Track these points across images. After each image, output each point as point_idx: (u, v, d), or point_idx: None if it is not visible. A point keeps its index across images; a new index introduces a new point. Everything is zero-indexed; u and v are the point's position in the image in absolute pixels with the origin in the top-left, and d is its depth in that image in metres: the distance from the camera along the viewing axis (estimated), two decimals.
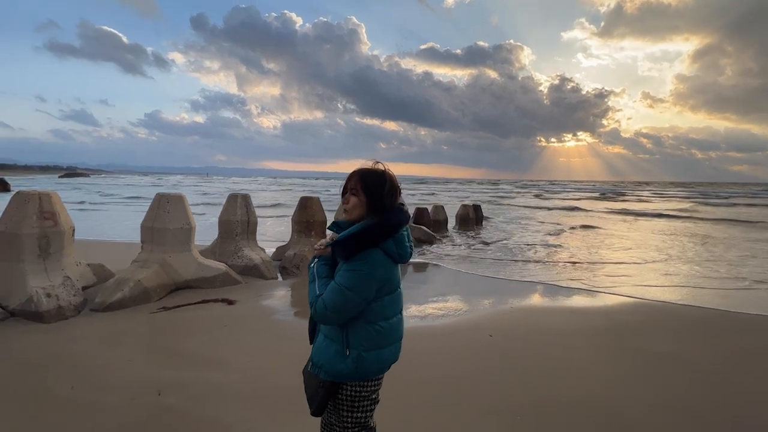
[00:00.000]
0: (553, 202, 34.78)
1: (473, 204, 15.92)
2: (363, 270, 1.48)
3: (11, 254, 4.40)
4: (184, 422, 2.56)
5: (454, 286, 6.59)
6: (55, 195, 4.81)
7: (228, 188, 45.61)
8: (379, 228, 1.51)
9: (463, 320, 4.78)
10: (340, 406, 1.61)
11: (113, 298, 4.65)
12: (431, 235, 11.28)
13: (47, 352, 3.51)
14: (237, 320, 4.48)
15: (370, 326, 1.54)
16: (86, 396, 2.82)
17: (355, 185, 1.58)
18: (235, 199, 6.90)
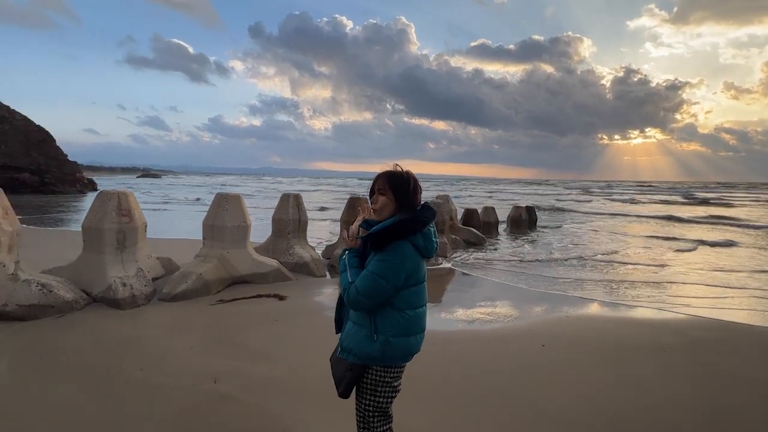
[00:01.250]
0: (632, 207, 29.35)
1: (526, 206, 15.25)
2: (393, 260, 1.62)
3: (95, 247, 4.92)
4: (238, 410, 2.69)
5: (503, 291, 6.34)
6: (131, 194, 5.31)
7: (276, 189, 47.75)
8: (409, 223, 1.67)
9: (514, 327, 4.58)
10: (364, 391, 1.75)
11: (178, 289, 5.02)
12: (480, 237, 10.97)
13: (122, 335, 3.87)
14: (287, 315, 4.65)
15: (398, 313, 1.67)
16: (154, 378, 3.06)
17: (382, 185, 1.74)
18: (287, 199, 7.18)
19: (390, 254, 1.63)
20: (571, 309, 5.32)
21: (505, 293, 6.13)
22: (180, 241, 9.87)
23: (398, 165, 1.80)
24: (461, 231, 10.85)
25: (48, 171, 34.93)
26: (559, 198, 39.67)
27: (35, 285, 4.19)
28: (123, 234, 5.02)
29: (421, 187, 1.80)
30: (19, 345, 3.57)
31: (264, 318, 4.53)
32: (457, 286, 6.53)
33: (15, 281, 4.10)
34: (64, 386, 2.91)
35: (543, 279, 7.17)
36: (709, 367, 3.60)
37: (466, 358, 3.64)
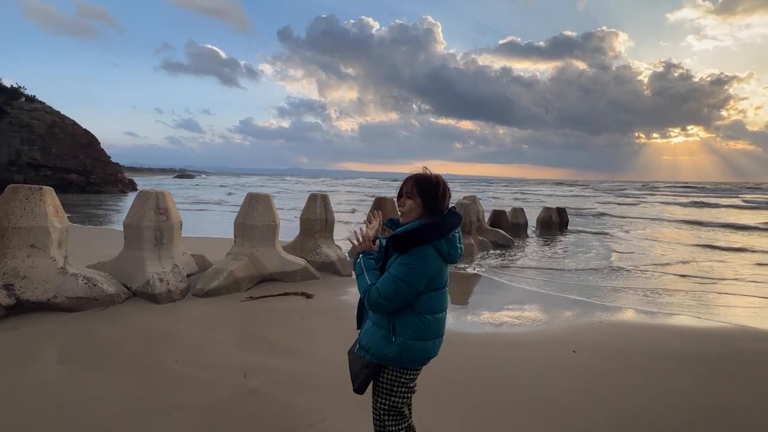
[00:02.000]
0: (678, 210, 26.44)
1: (557, 207, 14.80)
2: (415, 264, 1.62)
3: (135, 244, 5.19)
4: (266, 405, 2.75)
5: (531, 295, 6.17)
6: (168, 194, 5.55)
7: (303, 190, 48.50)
8: (434, 227, 1.65)
9: (543, 332, 4.45)
10: (379, 390, 1.76)
11: (210, 285, 5.21)
12: (508, 239, 10.74)
13: (159, 328, 4.05)
14: (314, 313, 4.72)
15: (417, 317, 1.67)
16: (188, 370, 3.18)
17: (410, 189, 1.73)
18: (315, 199, 7.29)
19: (413, 258, 1.62)
20: (604, 315, 5.11)
21: (533, 297, 5.97)
22: (212, 239, 10.23)
23: (427, 168, 1.79)
24: (489, 232, 10.67)
25: (93, 172, 37.13)
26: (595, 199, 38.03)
27: (81, 279, 4.46)
28: (160, 231, 5.26)
29: (449, 192, 1.78)
30: (66, 335, 3.80)
31: (292, 315, 4.62)
32: (483, 289, 6.42)
33: (64, 275, 4.38)
34: (106, 376, 3.08)
35: (574, 284, 6.93)
36: (755, 381, 3.36)
37: (492, 362, 3.57)
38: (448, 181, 1.81)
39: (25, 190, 4.32)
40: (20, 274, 4.17)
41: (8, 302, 4.03)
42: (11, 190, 4.32)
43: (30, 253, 4.25)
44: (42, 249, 4.30)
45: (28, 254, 4.24)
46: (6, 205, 4.20)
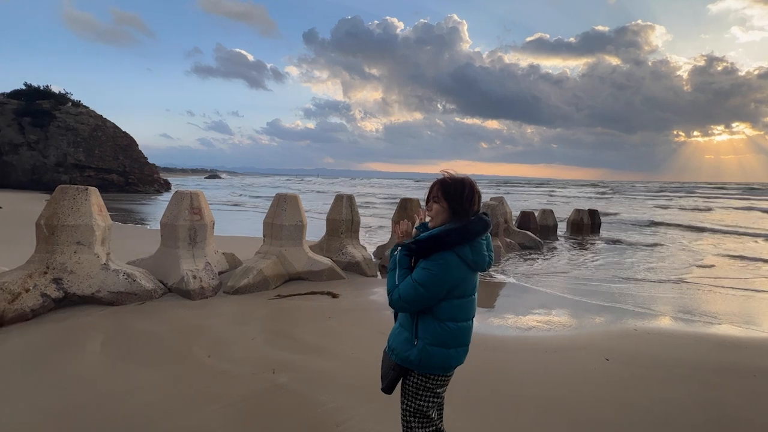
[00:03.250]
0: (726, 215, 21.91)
1: (589, 209, 14.30)
2: (435, 270, 1.59)
3: (171, 242, 5.42)
4: (294, 401, 2.81)
5: (560, 300, 5.99)
6: (201, 194, 5.77)
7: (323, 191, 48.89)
8: (455, 233, 1.61)
9: (573, 337, 4.32)
10: (406, 392, 1.77)
11: (240, 283, 5.37)
12: (537, 241, 10.47)
13: (192, 323, 4.21)
14: (340, 313, 4.78)
15: (438, 324, 1.65)
16: (220, 365, 3.30)
17: (437, 193, 1.70)
18: (341, 200, 7.37)
19: (433, 264, 1.60)
20: (638, 323, 4.90)
21: (561, 302, 5.80)
22: (242, 238, 10.53)
23: (447, 171, 1.72)
24: (516, 234, 10.45)
25: (132, 172, 39.06)
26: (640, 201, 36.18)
27: (122, 274, 4.71)
28: (194, 230, 5.47)
29: (479, 195, 1.73)
30: (108, 327, 4.02)
31: (318, 314, 4.69)
32: (510, 292, 6.30)
33: (106, 270, 4.63)
34: (144, 367, 3.24)
35: (605, 289, 6.67)
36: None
37: (522, 367, 3.50)
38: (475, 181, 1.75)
39: (73, 191, 4.60)
40: (67, 269, 4.44)
41: (57, 295, 4.31)
42: (60, 190, 4.61)
43: (76, 250, 4.52)
44: (87, 246, 4.56)
45: (75, 250, 4.51)
46: (56, 205, 4.49)
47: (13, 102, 36.88)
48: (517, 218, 11.98)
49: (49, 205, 4.54)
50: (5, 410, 2.58)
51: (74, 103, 39.35)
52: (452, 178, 1.71)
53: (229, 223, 15.38)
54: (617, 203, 33.26)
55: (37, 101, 37.17)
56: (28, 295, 4.09)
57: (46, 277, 4.31)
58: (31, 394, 2.79)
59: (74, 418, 2.54)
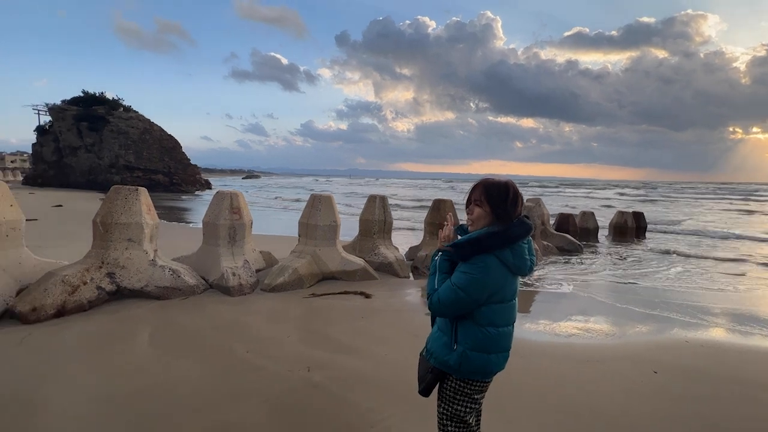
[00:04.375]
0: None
1: (633, 211, 13.56)
2: (475, 274, 1.57)
3: (212, 240, 5.66)
4: (328, 400, 2.85)
5: (601, 306, 5.71)
6: (240, 194, 5.98)
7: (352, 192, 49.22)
8: (496, 237, 1.58)
9: (617, 347, 4.10)
10: (443, 395, 1.74)
11: (276, 281, 5.51)
12: (576, 244, 10.05)
13: (231, 319, 4.37)
14: (373, 313, 4.79)
15: (478, 329, 1.63)
16: (257, 360, 3.40)
17: (479, 196, 1.67)
18: (374, 200, 7.40)
19: (473, 267, 1.58)
20: (690, 333, 4.58)
21: (603, 308, 5.52)
22: (279, 237, 10.83)
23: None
24: (554, 237, 10.07)
25: (176, 173, 41.23)
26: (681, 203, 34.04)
27: (168, 270, 4.97)
28: (234, 229, 5.69)
29: (522, 199, 1.71)
30: (155, 320, 4.25)
31: (352, 314, 4.73)
32: (547, 297, 6.07)
33: (154, 266, 4.90)
34: (187, 360, 3.39)
35: (652, 296, 6.28)
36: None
37: (560, 377, 3.36)
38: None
39: (125, 191, 4.91)
40: (120, 264, 4.74)
41: (111, 288, 4.61)
42: (114, 190, 4.93)
43: (127, 246, 4.81)
44: (137, 243, 4.85)
45: (126, 247, 4.81)
46: (110, 204, 4.81)
47: (73, 108, 39.97)
48: (555, 220, 11.55)
49: (104, 204, 4.87)
50: (66, 395, 2.79)
51: (125, 108, 42.07)
52: (496, 182, 1.69)
53: (265, 222, 15.86)
54: (665, 206, 31.30)
55: (93, 107, 40.07)
56: (85, 288, 4.41)
57: (101, 271, 4.62)
58: (88, 380, 3.00)
59: (125, 405, 2.70)
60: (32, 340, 3.63)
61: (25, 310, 3.99)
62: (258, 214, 18.44)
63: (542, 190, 50.91)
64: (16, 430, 2.41)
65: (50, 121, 41.34)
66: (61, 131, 39.92)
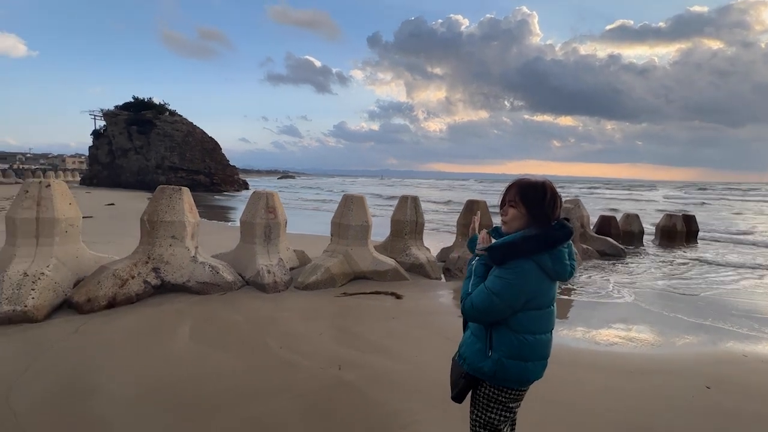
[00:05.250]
0: None
1: (683, 214, 12.70)
2: (511, 279, 1.50)
3: (249, 238, 5.86)
4: (358, 400, 2.86)
5: (647, 314, 5.38)
6: (276, 194, 6.15)
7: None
8: (535, 241, 1.51)
9: (664, 358, 3.85)
10: (476, 402, 1.70)
11: (309, 279, 5.62)
12: (619, 248, 9.55)
13: (266, 315, 4.50)
14: (405, 314, 4.78)
15: (515, 336, 1.56)
16: (290, 357, 3.48)
17: (513, 197, 1.60)
18: (405, 201, 7.38)
19: (509, 272, 1.51)
20: (748, 347, 4.22)
21: (648, 316, 5.20)
22: (311, 236, 11.04)
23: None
24: (595, 240, 9.62)
25: (216, 174, 43.09)
26: (739, 206, 31.53)
27: (208, 267, 5.19)
28: (269, 228, 5.85)
29: (560, 200, 1.62)
30: (195, 314, 4.45)
31: (382, 314, 4.74)
32: (587, 303, 5.80)
33: (195, 263, 5.14)
34: (224, 353, 3.53)
35: (702, 304, 5.85)
36: None
37: (600, 388, 3.19)
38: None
39: (170, 190, 5.18)
40: (164, 260, 5.00)
41: (156, 282, 4.88)
42: (160, 190, 5.21)
43: (171, 243, 5.07)
44: (180, 240, 5.11)
45: (170, 244, 5.07)
46: (156, 203, 5.09)
47: (124, 113, 42.78)
48: (596, 223, 11.03)
49: (150, 203, 5.16)
50: (116, 381, 2.97)
51: (170, 113, 44.48)
52: (531, 182, 1.61)
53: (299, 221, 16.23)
54: (719, 209, 29.08)
55: (142, 111, 42.69)
56: (133, 282, 4.69)
57: (148, 266, 4.90)
58: (135, 368, 3.19)
59: (168, 393, 2.84)
60: (87, 328, 3.91)
61: (80, 300, 4.29)
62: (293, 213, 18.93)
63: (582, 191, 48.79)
64: (73, 410, 2.59)
65: (104, 125, 44.45)
66: (114, 135, 42.83)
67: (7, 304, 3.89)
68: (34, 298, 4.01)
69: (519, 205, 1.58)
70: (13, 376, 2.94)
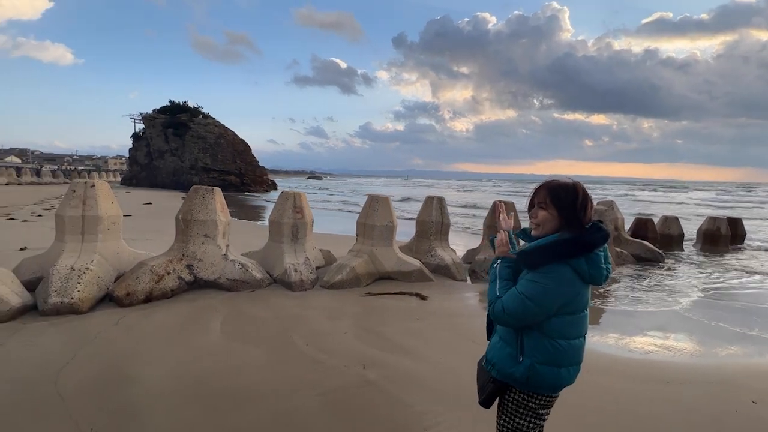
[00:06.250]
0: None
1: (728, 217, 11.95)
2: (547, 284, 1.47)
3: (277, 237, 6.00)
4: (382, 399, 2.87)
5: (686, 322, 5.10)
6: (303, 195, 6.27)
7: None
8: (572, 244, 1.48)
9: (704, 369, 3.64)
10: (504, 407, 1.65)
11: (335, 279, 5.69)
12: (656, 252, 9.11)
13: (292, 313, 4.60)
14: (429, 315, 4.75)
15: (548, 341, 1.52)
16: (316, 354, 3.54)
17: (544, 199, 1.56)
18: (431, 201, 7.34)
19: (544, 276, 1.47)
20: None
21: (687, 324, 4.93)
22: (337, 236, 11.18)
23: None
24: (630, 244, 9.22)
25: (246, 174, 44.40)
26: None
27: (238, 264, 5.36)
28: (296, 228, 5.98)
29: (591, 201, 1.58)
30: (226, 310, 4.61)
31: (406, 315, 4.73)
32: (621, 308, 5.57)
33: (226, 260, 5.32)
34: (253, 348, 3.63)
35: (748, 312, 5.48)
36: None
37: (636, 398, 3.06)
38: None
39: (202, 191, 5.38)
40: (197, 257, 5.20)
41: (189, 278, 5.09)
42: (193, 190, 5.43)
43: (204, 241, 5.27)
44: (212, 238, 5.30)
45: (203, 242, 5.27)
46: (190, 202, 5.30)
47: (161, 117, 44.86)
48: (631, 225, 10.57)
49: (185, 202, 5.39)
50: (152, 371, 3.12)
51: (204, 115, 46.25)
52: (561, 183, 1.57)
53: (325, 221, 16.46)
54: (767, 213, 27.16)
55: (178, 115, 44.60)
56: (169, 278, 4.91)
57: (182, 263, 5.11)
58: (170, 359, 3.33)
59: (199, 384, 2.95)
60: (126, 321, 4.12)
61: (120, 294, 4.54)
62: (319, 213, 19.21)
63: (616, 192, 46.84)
64: (113, 397, 2.75)
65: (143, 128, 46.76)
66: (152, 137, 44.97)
67: (56, 296, 4.16)
68: (80, 291, 4.27)
69: (550, 207, 1.54)
70: (61, 363, 3.15)
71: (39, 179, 39.78)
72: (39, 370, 3.05)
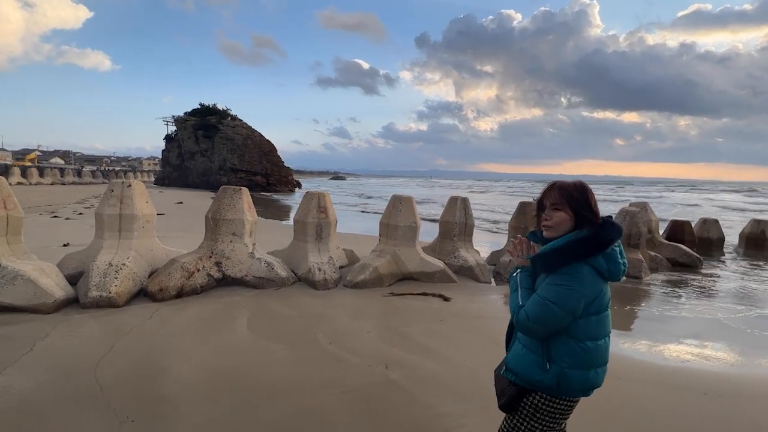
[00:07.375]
0: None
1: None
2: (570, 285, 1.45)
3: (301, 237, 6.11)
4: (404, 399, 2.88)
5: (724, 329, 4.83)
6: (327, 195, 6.35)
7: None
8: (589, 242, 1.46)
9: (746, 379, 3.45)
10: (521, 411, 1.60)
11: (358, 278, 5.73)
12: (694, 257, 8.67)
13: (316, 311, 4.67)
14: (452, 316, 4.71)
15: (576, 344, 1.49)
16: (338, 352, 3.58)
17: (557, 199, 1.54)
18: (455, 202, 7.27)
19: (565, 278, 1.45)
20: None
21: (728, 333, 4.67)
22: (360, 236, 11.25)
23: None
24: (665, 248, 8.83)
25: (272, 174, 45.37)
26: None
27: (264, 263, 5.49)
28: (320, 227, 6.06)
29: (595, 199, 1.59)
30: (252, 307, 4.73)
31: (429, 316, 4.71)
32: (654, 314, 5.34)
33: (252, 258, 5.46)
34: (277, 345, 3.71)
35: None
36: None
37: (668, 407, 2.93)
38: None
39: (231, 191, 5.55)
40: (225, 255, 5.37)
41: (218, 276, 5.25)
42: (222, 190, 5.60)
43: (232, 240, 5.43)
44: (239, 236, 5.45)
45: (231, 240, 5.43)
46: (219, 202, 5.48)
47: (192, 119, 46.50)
48: (666, 228, 10.11)
49: (214, 202, 5.57)
50: (183, 364, 3.25)
51: (232, 117, 47.62)
52: (571, 183, 1.57)
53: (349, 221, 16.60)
54: None
55: (208, 117, 46.12)
56: (198, 274, 5.08)
57: (211, 260, 5.28)
58: (199, 353, 3.46)
59: (227, 378, 3.05)
60: (159, 315, 4.30)
61: (154, 290, 4.74)
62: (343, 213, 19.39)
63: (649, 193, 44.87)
64: (147, 388, 2.88)
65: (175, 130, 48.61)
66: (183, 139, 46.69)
67: (95, 290, 4.40)
68: (117, 286, 4.49)
69: (564, 207, 1.53)
70: (99, 354, 3.32)
71: (80, 179, 42.15)
72: (80, 359, 3.24)
